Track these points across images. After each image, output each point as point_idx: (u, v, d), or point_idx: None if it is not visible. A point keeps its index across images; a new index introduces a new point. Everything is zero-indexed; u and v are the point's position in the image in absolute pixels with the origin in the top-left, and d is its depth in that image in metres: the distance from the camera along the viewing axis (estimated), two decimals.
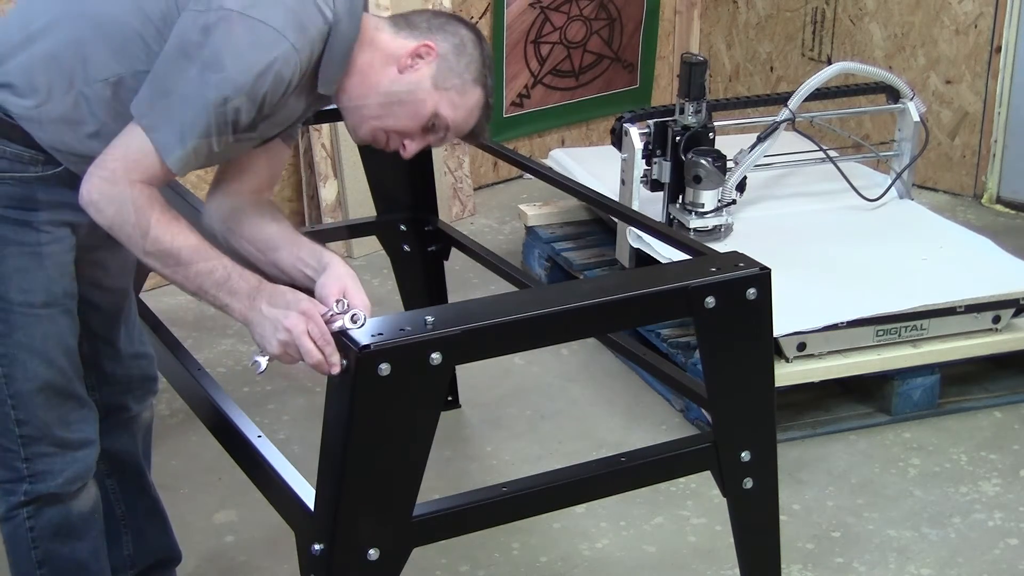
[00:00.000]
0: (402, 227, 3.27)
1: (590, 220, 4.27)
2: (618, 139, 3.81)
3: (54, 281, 2.09)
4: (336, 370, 1.85)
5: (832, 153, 4.12)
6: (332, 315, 1.88)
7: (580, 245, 4.13)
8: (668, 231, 2.59)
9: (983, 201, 4.99)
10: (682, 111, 3.76)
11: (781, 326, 3.08)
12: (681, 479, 3.05)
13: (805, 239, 3.81)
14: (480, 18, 4.97)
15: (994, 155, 4.94)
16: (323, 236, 3.89)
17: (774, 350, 2.60)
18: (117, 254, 2.26)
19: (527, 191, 5.08)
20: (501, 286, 3.38)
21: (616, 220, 3.74)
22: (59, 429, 2.15)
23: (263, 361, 1.91)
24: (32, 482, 2.17)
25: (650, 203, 3.78)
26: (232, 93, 1.89)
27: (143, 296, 2.92)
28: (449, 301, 3.29)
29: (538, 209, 4.32)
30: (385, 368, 1.81)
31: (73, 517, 2.22)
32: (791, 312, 3.23)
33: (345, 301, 1.92)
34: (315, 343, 1.85)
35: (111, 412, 2.38)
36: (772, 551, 2.34)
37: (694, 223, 3.72)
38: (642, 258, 3.70)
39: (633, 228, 3.59)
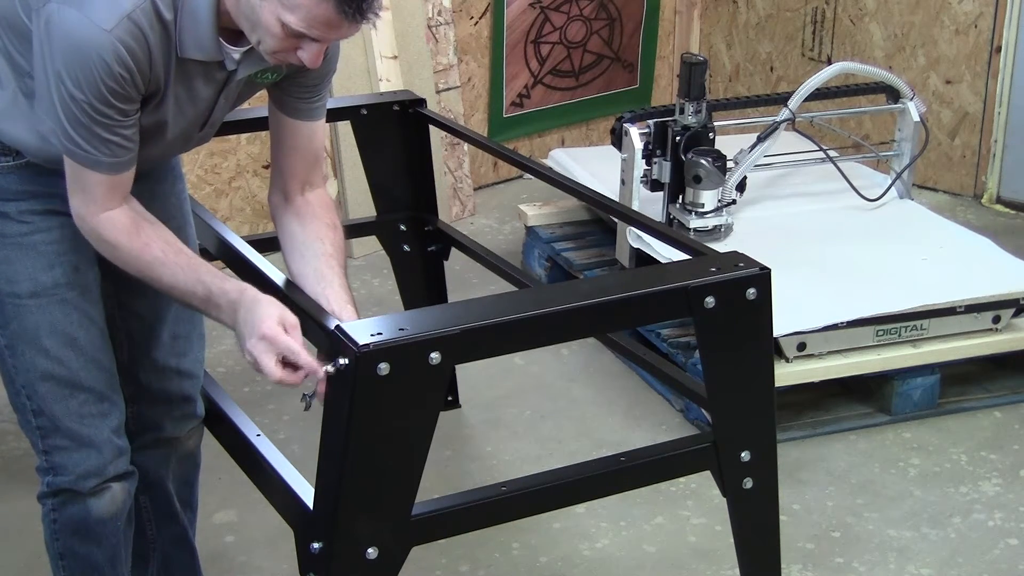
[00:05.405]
0: (402, 227, 3.27)
1: (590, 220, 4.27)
2: (618, 139, 3.80)
3: (41, 271, 2.08)
4: (322, 372, 1.86)
5: (832, 153, 4.11)
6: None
7: (580, 245, 4.13)
8: (668, 231, 2.59)
9: (983, 201, 4.99)
10: (682, 111, 3.76)
11: (781, 326, 3.08)
12: (681, 479, 3.05)
13: (805, 239, 3.81)
14: (480, 18, 4.97)
15: (994, 155, 4.94)
16: None
17: (774, 350, 2.60)
18: None
19: (527, 191, 5.08)
20: (501, 286, 3.38)
21: (616, 220, 3.74)
22: (70, 422, 2.14)
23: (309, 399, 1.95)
24: (53, 474, 2.18)
25: (650, 203, 3.78)
26: (75, 90, 1.85)
27: None
28: (449, 301, 3.29)
29: (538, 209, 4.31)
30: (384, 368, 1.81)
31: (91, 519, 2.21)
32: (791, 312, 3.23)
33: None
34: (282, 359, 1.88)
35: (146, 429, 2.34)
36: (772, 551, 2.34)
37: (694, 223, 3.72)
38: (642, 258, 3.69)
39: (633, 228, 3.59)
